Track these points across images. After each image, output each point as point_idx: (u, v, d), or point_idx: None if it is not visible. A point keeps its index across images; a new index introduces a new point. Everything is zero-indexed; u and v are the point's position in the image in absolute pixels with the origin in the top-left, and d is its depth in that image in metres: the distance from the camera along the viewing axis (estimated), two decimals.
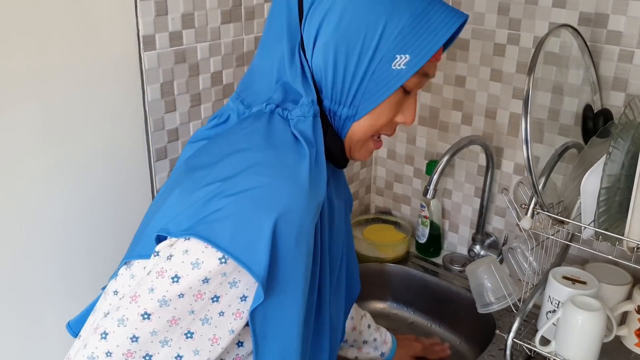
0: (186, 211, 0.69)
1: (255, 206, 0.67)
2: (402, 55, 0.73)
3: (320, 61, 0.75)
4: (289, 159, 0.72)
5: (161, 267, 0.68)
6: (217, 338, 0.70)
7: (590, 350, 0.98)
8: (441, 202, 1.50)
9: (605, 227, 0.95)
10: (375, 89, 0.76)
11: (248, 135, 0.75)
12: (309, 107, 0.75)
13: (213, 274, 0.67)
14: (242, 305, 0.70)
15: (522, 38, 1.25)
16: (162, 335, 0.68)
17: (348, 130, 0.79)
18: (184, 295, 0.67)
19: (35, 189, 0.92)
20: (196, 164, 0.76)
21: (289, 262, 0.69)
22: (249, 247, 0.66)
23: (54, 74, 0.89)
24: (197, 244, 0.67)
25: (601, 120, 1.11)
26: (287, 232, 0.67)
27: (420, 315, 1.46)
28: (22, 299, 0.95)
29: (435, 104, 1.44)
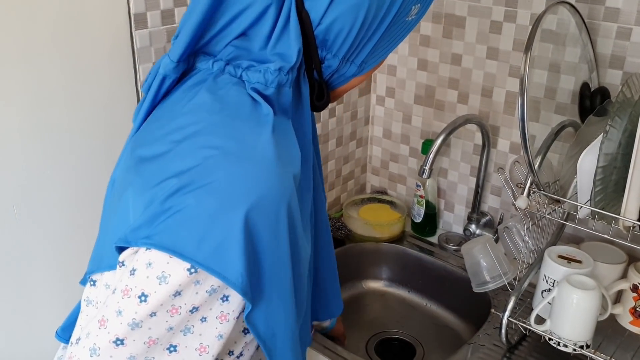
0: (143, 215, 0.60)
1: (220, 202, 0.58)
2: (416, 5, 0.70)
3: (343, 22, 0.65)
4: (248, 134, 0.62)
5: (125, 285, 0.60)
6: (204, 347, 0.63)
7: (585, 328, 0.99)
8: (437, 181, 1.49)
9: (602, 206, 0.95)
10: (388, 43, 0.71)
11: (195, 112, 0.65)
12: (274, 76, 0.65)
13: (184, 286, 0.59)
14: (226, 306, 0.62)
15: (519, 15, 1.23)
16: (141, 357, 0.62)
17: (345, 84, 0.74)
18: (156, 314, 0.60)
19: (27, 170, 0.91)
20: (144, 155, 0.65)
21: (274, 253, 0.62)
22: (219, 252, 0.58)
23: (44, 55, 0.88)
24: (160, 255, 0.58)
25: (598, 99, 1.10)
26: (264, 222, 0.59)
27: (416, 294, 1.47)
28: (15, 280, 0.95)
29: (431, 83, 1.42)
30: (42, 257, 0.98)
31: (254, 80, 0.66)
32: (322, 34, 0.66)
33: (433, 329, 1.38)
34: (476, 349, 1.13)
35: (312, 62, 0.68)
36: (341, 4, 0.64)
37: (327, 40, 0.67)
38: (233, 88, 0.66)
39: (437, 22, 1.36)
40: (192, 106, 0.66)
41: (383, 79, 1.51)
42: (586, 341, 0.99)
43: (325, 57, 0.69)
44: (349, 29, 0.66)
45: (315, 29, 0.66)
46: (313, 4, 0.65)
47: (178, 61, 0.67)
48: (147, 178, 0.63)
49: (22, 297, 0.97)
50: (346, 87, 0.75)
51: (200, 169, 0.60)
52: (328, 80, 0.72)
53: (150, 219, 0.60)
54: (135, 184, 0.64)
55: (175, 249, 0.58)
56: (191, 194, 0.59)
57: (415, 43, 1.41)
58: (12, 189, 0.90)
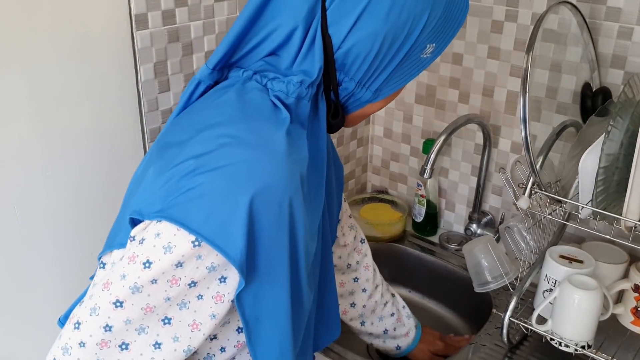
0: (159, 191, 0.66)
1: (230, 184, 0.63)
2: (431, 44, 0.75)
3: (361, 48, 0.71)
4: (264, 129, 0.68)
5: (133, 252, 0.65)
6: (197, 324, 0.67)
7: (587, 328, 0.99)
8: (438, 180, 1.49)
9: (603, 207, 0.95)
10: (402, 75, 0.76)
11: (220, 107, 0.71)
12: (295, 88, 0.71)
13: (187, 258, 0.63)
14: (222, 287, 0.66)
15: (520, 15, 1.23)
16: (137, 323, 0.65)
17: (359, 109, 0.79)
18: (157, 281, 0.64)
19: (28, 171, 0.91)
20: (169, 141, 0.72)
21: (273, 241, 0.65)
22: (224, 229, 0.63)
23: (44, 56, 0.87)
24: (169, 227, 0.63)
25: (600, 99, 1.10)
26: (267, 209, 0.64)
27: (417, 294, 1.47)
28: (17, 282, 0.95)
29: (432, 82, 1.42)
30: (43, 259, 0.98)
31: (277, 89, 0.72)
32: (341, 57, 0.72)
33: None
34: (477, 348, 1.13)
35: (331, 83, 0.74)
36: (360, 31, 0.70)
37: (346, 64, 0.72)
38: (257, 92, 0.72)
39: None
40: (218, 103, 0.72)
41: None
42: (587, 341, 0.99)
43: (342, 79, 0.74)
44: (365, 54, 0.71)
45: (336, 52, 0.71)
46: (336, 29, 0.70)
47: (213, 68, 0.75)
48: (168, 160, 0.68)
49: (24, 298, 0.97)
50: (361, 112, 0.80)
51: (216, 154, 0.65)
52: (344, 103, 0.77)
53: (165, 195, 0.65)
54: (157, 165, 0.70)
55: (183, 222, 0.63)
56: (204, 174, 0.64)
57: None
58: (13, 190, 0.90)
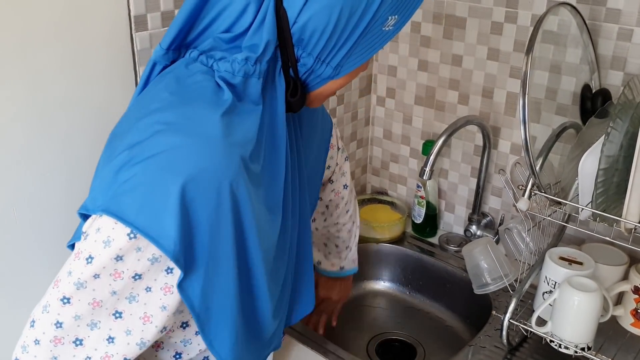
0: (100, 184, 0.66)
1: (162, 172, 0.62)
2: (393, 16, 0.72)
3: (317, 21, 0.68)
4: (199, 113, 0.66)
5: (78, 248, 0.66)
6: (148, 316, 0.67)
7: (586, 330, 0.99)
8: (437, 182, 1.49)
9: (603, 209, 0.95)
10: (364, 49, 0.74)
11: (159, 93, 0.70)
12: (241, 66, 0.69)
13: (125, 251, 0.63)
14: (170, 278, 0.66)
15: (520, 16, 1.23)
16: (87, 318, 0.66)
17: (321, 87, 0.76)
18: (100, 276, 0.64)
19: (27, 173, 0.91)
20: (116, 131, 0.72)
21: (213, 228, 0.65)
22: (156, 219, 0.62)
23: (44, 57, 0.87)
24: (108, 221, 0.63)
25: (599, 100, 1.10)
26: (202, 196, 0.63)
27: (417, 295, 1.47)
28: (15, 284, 0.95)
29: (432, 84, 1.42)
30: (42, 260, 0.97)
31: (222, 69, 0.70)
32: (298, 32, 0.69)
33: (434, 330, 1.38)
34: (477, 350, 1.13)
35: (289, 59, 0.72)
36: (315, 4, 0.68)
37: (303, 39, 0.70)
38: (200, 75, 0.70)
39: (438, 23, 1.36)
40: (158, 89, 0.71)
41: (383, 80, 1.51)
42: (587, 343, 0.99)
43: (300, 55, 0.71)
44: (322, 28, 0.69)
45: (292, 26, 0.69)
46: (290, 3, 0.68)
47: (167, 49, 0.73)
48: (111, 151, 0.68)
49: (22, 300, 0.97)
50: (324, 89, 0.77)
51: (149, 142, 0.64)
52: (305, 80, 0.75)
53: (106, 188, 0.65)
54: (103, 156, 0.71)
55: (119, 214, 0.63)
56: (138, 165, 0.63)
57: (416, 44, 1.41)
58: (11, 191, 0.90)
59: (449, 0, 1.32)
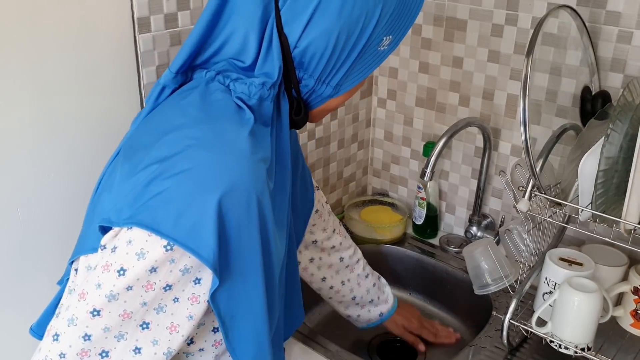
0: (126, 197, 0.66)
1: (197, 186, 0.64)
2: (388, 36, 0.76)
3: (317, 46, 0.72)
4: (228, 130, 0.68)
5: (106, 261, 0.65)
6: (175, 326, 0.68)
7: (586, 331, 0.99)
8: (438, 183, 1.50)
9: (603, 210, 0.95)
10: (361, 69, 0.77)
11: (184, 108, 0.72)
12: (257, 89, 0.72)
13: (160, 263, 0.64)
14: (197, 288, 0.67)
15: (520, 19, 1.24)
16: (115, 330, 0.66)
17: (322, 105, 0.80)
18: (133, 288, 0.65)
19: (31, 174, 0.91)
20: (135, 144, 0.72)
21: (244, 239, 0.66)
22: (194, 231, 0.63)
23: (47, 59, 0.88)
24: (140, 233, 0.64)
25: (599, 102, 1.10)
26: (235, 208, 0.64)
27: (417, 296, 1.47)
28: (19, 284, 0.95)
29: (433, 85, 1.43)
30: (46, 261, 0.98)
31: (239, 90, 0.73)
32: (298, 55, 0.73)
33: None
34: (477, 351, 1.14)
35: (291, 81, 0.75)
36: (315, 29, 0.71)
37: (304, 62, 0.73)
38: (221, 93, 0.73)
39: (439, 25, 1.36)
40: (182, 105, 0.73)
41: (384, 82, 1.52)
42: (587, 343, 1.00)
43: (302, 77, 0.75)
44: (321, 52, 0.72)
45: (293, 51, 0.73)
46: (291, 29, 0.71)
47: (177, 72, 0.76)
48: (135, 164, 0.68)
49: (26, 300, 0.97)
50: (325, 107, 0.81)
51: (181, 157, 0.65)
52: (307, 99, 0.78)
53: (133, 200, 0.65)
54: (123, 168, 0.70)
55: (154, 227, 0.63)
56: (171, 178, 0.64)
57: (417, 46, 1.42)
58: (16, 192, 0.90)
59: (449, 3, 1.33)
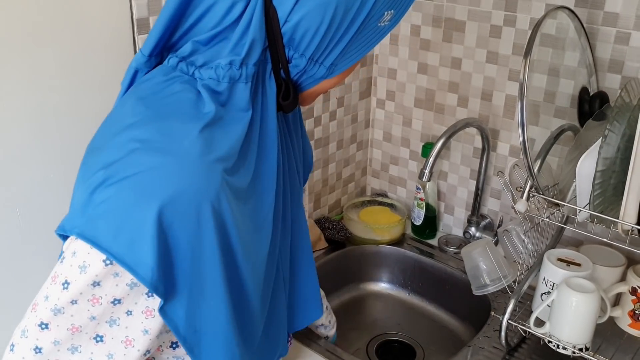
0: (77, 204, 0.63)
1: (136, 195, 0.59)
2: (389, 10, 0.68)
3: (310, 21, 0.64)
4: (177, 130, 0.62)
5: (55, 272, 0.64)
6: (129, 340, 0.65)
7: (584, 331, 0.99)
8: (437, 184, 1.50)
9: (601, 210, 0.95)
10: (359, 47, 0.70)
11: (135, 105, 0.65)
12: (225, 71, 0.64)
13: (102, 277, 0.61)
14: (151, 302, 0.64)
15: (519, 20, 1.24)
16: (66, 343, 0.64)
17: (314, 86, 0.72)
18: (77, 302, 0.62)
19: (30, 175, 0.91)
20: (92, 146, 0.68)
21: (196, 252, 0.62)
22: (133, 246, 0.59)
23: (46, 59, 0.88)
24: (83, 245, 0.61)
25: (597, 103, 1.10)
26: (181, 219, 0.60)
27: (416, 296, 1.47)
28: (18, 284, 0.95)
29: (431, 86, 1.43)
30: (46, 261, 0.98)
31: (206, 76, 0.65)
32: (289, 32, 0.65)
33: (433, 331, 1.39)
34: (476, 351, 1.14)
35: (279, 61, 0.67)
36: (308, 2, 0.63)
37: (294, 39, 0.66)
38: (179, 85, 0.66)
39: (437, 26, 1.37)
40: (133, 101, 0.66)
41: (383, 83, 1.52)
42: (585, 344, 1.00)
43: (292, 56, 0.67)
44: (315, 28, 0.64)
45: (282, 26, 0.65)
46: (280, 1, 0.64)
47: (149, 55, 0.69)
48: (88, 168, 0.64)
49: (25, 300, 0.97)
50: (317, 89, 0.73)
51: (124, 161, 0.61)
52: (297, 80, 0.71)
53: (81, 208, 0.62)
54: (80, 172, 0.66)
55: (94, 240, 0.60)
56: (112, 186, 0.60)
57: (416, 47, 1.42)
58: (15, 192, 0.90)
59: (448, 4, 1.33)
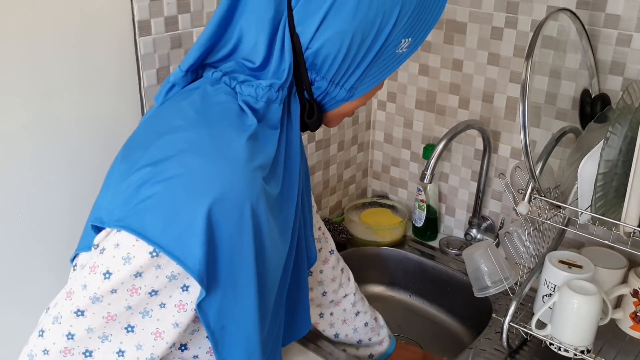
0: (119, 198, 0.65)
1: (187, 193, 0.62)
2: (407, 38, 0.73)
3: (330, 47, 0.69)
4: (225, 135, 0.66)
5: (94, 262, 0.65)
6: (160, 332, 0.67)
7: (586, 333, 0.99)
8: (438, 185, 1.50)
9: (602, 212, 0.95)
10: (377, 72, 0.75)
11: (184, 110, 0.70)
12: (265, 92, 0.70)
13: (145, 268, 0.63)
14: (185, 296, 0.66)
15: (520, 21, 1.24)
16: (99, 331, 0.66)
17: (337, 108, 0.77)
18: (117, 291, 0.64)
19: (33, 177, 0.91)
20: (134, 144, 0.72)
21: (236, 249, 0.65)
22: (182, 239, 0.62)
23: (48, 61, 0.88)
24: (128, 237, 0.63)
25: (599, 105, 1.10)
26: (227, 218, 0.63)
27: (417, 298, 1.47)
28: (20, 287, 0.95)
29: (432, 88, 1.43)
30: (48, 263, 0.98)
31: (246, 93, 0.70)
32: (311, 57, 0.71)
33: (434, 333, 1.39)
34: (477, 353, 1.14)
35: (303, 83, 0.73)
36: (327, 30, 0.68)
37: (316, 63, 0.71)
38: (224, 96, 0.71)
39: (439, 28, 1.37)
40: (182, 105, 0.71)
41: (384, 84, 1.52)
42: (587, 346, 1.00)
43: (314, 79, 0.73)
44: (335, 54, 0.70)
45: (305, 52, 0.70)
46: (303, 29, 0.69)
47: (187, 71, 0.74)
48: (131, 164, 0.67)
49: (27, 303, 0.98)
50: (339, 110, 0.78)
51: (173, 161, 0.64)
52: (320, 101, 0.76)
53: (124, 202, 0.64)
54: (121, 168, 0.69)
55: (142, 232, 0.62)
56: (161, 183, 0.63)
57: None
58: (17, 195, 0.90)
59: (449, 6, 1.33)
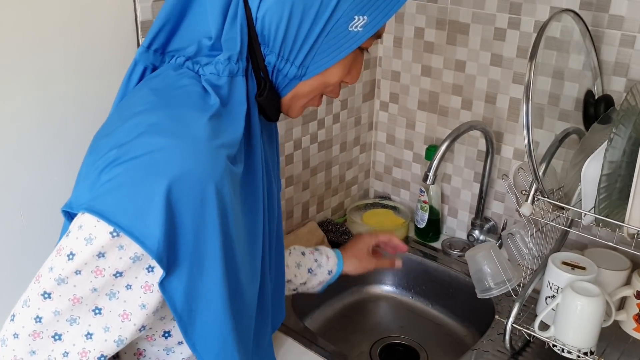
0: (85, 183, 0.67)
1: (146, 172, 0.63)
2: (360, 16, 0.71)
3: (271, 16, 0.69)
4: (185, 116, 0.67)
5: (60, 245, 0.66)
6: (127, 314, 0.68)
7: (589, 335, 0.99)
8: (440, 187, 1.50)
9: (606, 214, 0.95)
10: (329, 50, 0.73)
11: (146, 96, 0.71)
12: (224, 65, 0.70)
13: (107, 248, 0.64)
14: (150, 277, 0.66)
15: (523, 22, 1.24)
16: (66, 314, 0.66)
17: (292, 89, 0.76)
18: (81, 272, 0.65)
19: (34, 177, 0.92)
20: (101, 132, 0.73)
21: (198, 229, 0.65)
22: (140, 218, 0.62)
23: (51, 62, 0.88)
24: (90, 219, 0.64)
25: (602, 106, 1.10)
26: (187, 197, 0.63)
27: (420, 299, 1.47)
28: (22, 287, 0.95)
29: (435, 89, 1.43)
30: None
31: (208, 72, 0.71)
32: (259, 28, 0.71)
33: (437, 335, 1.39)
34: (480, 354, 1.13)
35: (257, 58, 0.72)
36: None
37: (265, 35, 0.71)
38: (187, 79, 0.72)
39: (441, 29, 1.37)
40: (144, 92, 0.72)
41: (387, 85, 1.52)
42: (590, 348, 1.00)
43: (265, 53, 0.72)
44: (277, 23, 0.70)
45: (256, 23, 0.71)
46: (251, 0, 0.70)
47: (148, 47, 0.75)
48: (97, 151, 0.69)
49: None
50: (296, 93, 0.77)
51: (134, 143, 0.65)
52: (275, 82, 0.75)
53: (90, 187, 0.66)
54: (90, 157, 0.71)
55: (102, 213, 0.63)
56: (122, 164, 0.64)
57: (419, 49, 1.42)
58: (19, 195, 0.91)
59: (452, 7, 1.33)
